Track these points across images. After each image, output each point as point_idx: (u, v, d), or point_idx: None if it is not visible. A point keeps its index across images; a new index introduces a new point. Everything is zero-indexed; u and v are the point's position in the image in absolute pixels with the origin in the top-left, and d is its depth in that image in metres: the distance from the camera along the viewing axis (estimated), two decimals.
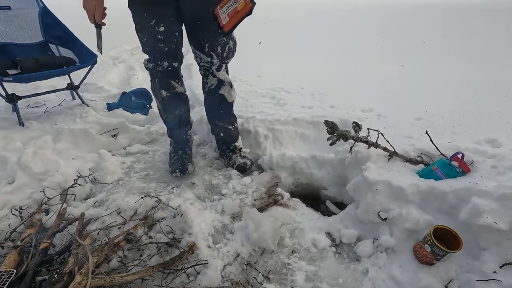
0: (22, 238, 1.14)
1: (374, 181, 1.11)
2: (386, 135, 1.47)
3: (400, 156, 1.22)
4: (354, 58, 3.38)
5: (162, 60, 1.39)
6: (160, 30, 1.30)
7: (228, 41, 1.41)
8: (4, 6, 1.99)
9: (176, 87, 1.50)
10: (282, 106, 2.11)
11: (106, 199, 1.45)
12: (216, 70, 1.51)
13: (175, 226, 1.24)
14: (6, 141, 1.72)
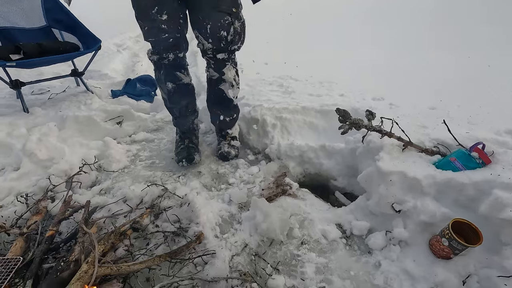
0: (28, 225, 1.12)
1: (388, 172, 1.07)
2: (401, 124, 1.43)
3: (415, 146, 1.17)
4: (363, 46, 3.28)
5: (167, 52, 1.33)
6: (163, 19, 1.22)
7: (233, 21, 1.28)
8: None
9: (182, 78, 1.44)
10: (290, 94, 2.05)
11: (111, 187, 1.43)
12: (220, 64, 1.41)
13: (182, 216, 1.22)
14: (11, 127, 1.70)
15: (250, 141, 1.81)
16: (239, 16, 1.31)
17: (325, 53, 3.04)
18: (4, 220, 1.23)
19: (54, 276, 0.89)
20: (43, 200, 1.28)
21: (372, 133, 1.25)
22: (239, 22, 1.31)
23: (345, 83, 2.17)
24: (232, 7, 1.27)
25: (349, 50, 3.02)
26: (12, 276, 0.92)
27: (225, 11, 1.25)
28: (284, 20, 4.76)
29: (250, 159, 1.70)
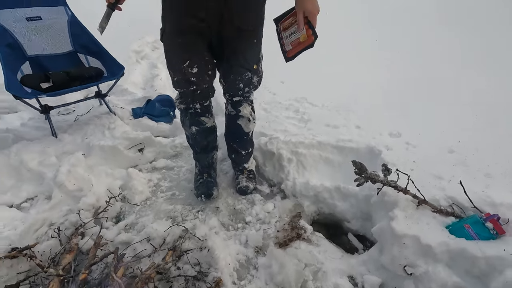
0: (63, 266, 1.23)
1: (402, 234, 1.10)
2: (416, 172, 1.45)
3: (430, 205, 1.19)
4: (383, 63, 3.22)
5: (194, 103, 1.40)
6: (193, 72, 1.29)
7: (252, 76, 1.39)
8: (35, 17, 2.02)
9: (206, 122, 1.52)
10: (306, 123, 2.07)
11: (136, 222, 1.52)
12: (236, 104, 1.51)
13: (202, 259, 1.30)
14: (42, 156, 1.81)
15: (266, 173, 1.87)
16: (258, 71, 1.41)
17: (343, 71, 3.01)
18: (40, 254, 1.34)
19: None
20: (75, 237, 1.39)
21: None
22: (257, 77, 1.43)
23: (362, 111, 2.17)
24: (254, 64, 1.35)
25: (367, 70, 2.98)
26: None
27: (247, 68, 1.33)
28: None
29: (265, 192, 1.76)
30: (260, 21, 1.31)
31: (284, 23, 1.21)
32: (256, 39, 1.32)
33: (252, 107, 1.59)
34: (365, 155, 1.71)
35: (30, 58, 2.03)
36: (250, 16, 1.25)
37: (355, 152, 1.75)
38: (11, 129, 2.07)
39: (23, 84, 1.87)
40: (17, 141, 1.97)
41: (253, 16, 1.27)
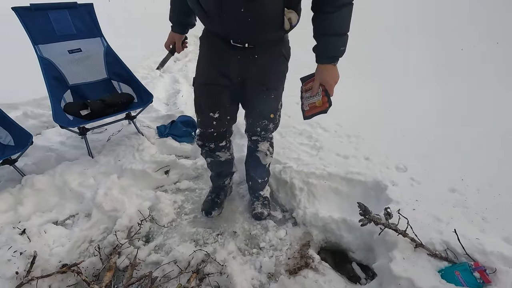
0: (105, 284, 1.45)
1: (398, 276, 1.25)
2: (417, 212, 1.58)
3: (426, 248, 1.33)
4: (401, 84, 3.30)
5: (209, 142, 1.60)
6: (214, 117, 1.47)
7: (268, 124, 1.56)
8: (76, 49, 2.26)
9: (221, 156, 1.70)
10: (318, 151, 2.22)
11: (163, 243, 1.73)
12: (255, 141, 1.69)
13: (221, 283, 1.49)
14: (82, 177, 2.05)
15: (280, 199, 2.04)
16: (275, 119, 1.57)
17: (356, 94, 3.12)
18: (84, 270, 1.57)
19: None
20: (113, 256, 1.61)
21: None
22: (273, 124, 1.59)
23: (372, 140, 2.29)
24: (271, 113, 1.51)
25: (378, 94, 3.07)
26: None
27: (263, 117, 1.52)
28: None
29: (278, 218, 1.93)
30: (281, 79, 1.45)
31: (307, 85, 1.35)
32: (274, 95, 1.46)
33: (270, 143, 1.75)
34: (371, 188, 1.86)
35: (71, 87, 2.27)
36: (271, 78, 1.39)
37: (362, 185, 1.89)
38: (53, 148, 2.33)
39: (66, 112, 2.11)
40: (59, 160, 2.23)
41: (274, 77, 1.40)
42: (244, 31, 1.19)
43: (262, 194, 1.93)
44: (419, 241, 1.34)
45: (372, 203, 1.78)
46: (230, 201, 2.02)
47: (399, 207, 1.59)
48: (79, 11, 2.22)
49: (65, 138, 2.52)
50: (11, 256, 1.51)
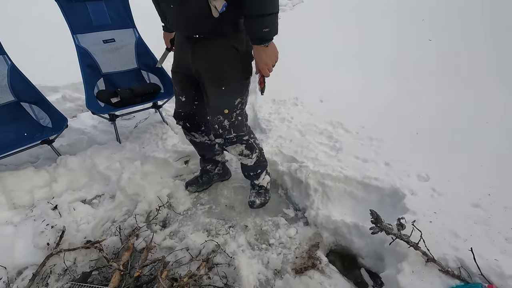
0: (123, 263, 1.57)
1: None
2: (433, 225, 1.52)
3: (438, 264, 1.29)
4: (435, 89, 3.12)
5: (179, 120, 1.74)
6: (182, 100, 1.63)
7: (223, 120, 1.54)
8: (110, 39, 2.38)
9: (197, 138, 1.80)
10: (337, 152, 2.18)
11: (178, 230, 1.82)
12: (222, 146, 1.70)
13: (229, 274, 1.55)
14: (109, 161, 2.20)
15: (293, 197, 2.05)
16: (231, 116, 1.53)
17: (384, 94, 3.00)
18: (105, 247, 1.70)
19: None
20: (132, 237, 1.73)
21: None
22: (229, 122, 1.55)
23: (395, 145, 2.21)
24: (225, 108, 1.50)
25: (410, 97, 2.92)
26: None
27: (218, 111, 1.52)
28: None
29: (290, 216, 1.95)
30: (232, 73, 1.41)
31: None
32: (226, 88, 1.43)
33: (246, 145, 1.69)
34: (388, 196, 1.81)
35: (104, 75, 2.41)
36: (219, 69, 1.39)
37: (379, 191, 1.84)
38: (86, 132, 2.51)
39: (98, 99, 2.25)
40: (90, 143, 2.40)
41: (222, 69, 1.39)
42: (180, 23, 1.30)
43: (256, 183, 1.94)
44: (431, 256, 1.30)
45: (387, 211, 1.73)
46: (244, 195, 2.06)
47: (415, 218, 1.54)
48: (115, 3, 2.33)
49: (97, 123, 2.70)
50: (44, 229, 1.68)
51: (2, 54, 2.06)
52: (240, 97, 1.51)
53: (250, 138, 1.72)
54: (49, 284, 1.52)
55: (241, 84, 1.48)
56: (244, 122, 1.64)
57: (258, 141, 1.82)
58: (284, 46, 3.99)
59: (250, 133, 1.74)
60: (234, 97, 1.50)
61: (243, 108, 1.59)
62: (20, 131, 2.15)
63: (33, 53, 3.89)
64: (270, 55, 1.28)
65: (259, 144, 1.83)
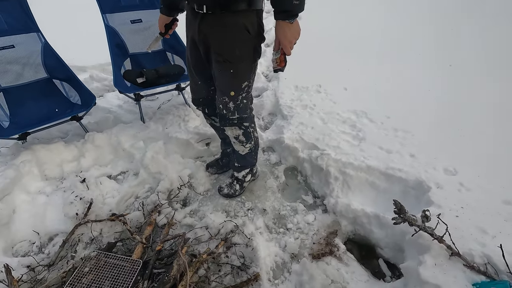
0: (145, 236, 1.63)
1: (426, 281, 1.20)
2: (460, 220, 1.47)
3: (463, 259, 1.25)
4: (467, 78, 2.94)
5: (198, 106, 1.77)
6: (198, 84, 1.62)
7: (229, 102, 1.52)
8: (137, 19, 2.40)
9: (216, 121, 1.79)
10: (360, 142, 2.13)
11: (198, 209, 1.87)
12: (223, 125, 1.67)
13: (246, 254, 1.58)
14: (134, 140, 2.26)
15: (313, 184, 2.03)
16: (236, 99, 1.51)
17: (413, 82, 2.87)
18: (129, 221, 1.78)
19: (161, 287, 1.35)
20: (154, 213, 1.79)
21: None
22: (234, 104, 1.53)
23: (422, 137, 2.12)
24: (231, 90, 1.48)
25: (441, 87, 2.78)
26: (137, 274, 1.42)
27: (224, 92, 1.51)
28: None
29: (309, 202, 1.94)
30: (241, 54, 1.36)
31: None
32: (234, 70, 1.40)
33: (243, 132, 1.68)
34: (412, 188, 1.75)
35: (131, 55, 2.45)
36: (228, 49, 1.34)
37: (403, 183, 1.79)
38: (112, 111, 2.59)
39: (124, 78, 2.30)
40: (116, 122, 2.48)
41: (231, 49, 1.34)
42: None
43: (235, 175, 1.92)
44: (456, 250, 1.26)
45: (411, 203, 1.69)
46: (263, 180, 2.07)
47: (440, 211, 1.49)
48: None
49: (122, 102, 2.77)
50: (73, 200, 1.77)
51: (37, 31, 2.14)
52: (247, 80, 1.49)
53: (250, 126, 1.70)
54: (77, 251, 1.62)
55: (249, 67, 1.45)
56: (248, 105, 1.61)
57: (257, 134, 1.81)
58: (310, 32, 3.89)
59: (252, 121, 1.71)
60: (242, 80, 1.47)
61: (249, 91, 1.56)
62: (52, 107, 2.24)
63: (63, 33, 4.00)
64: (294, 33, 1.23)
65: (258, 139, 1.82)
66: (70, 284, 1.35)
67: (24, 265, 1.51)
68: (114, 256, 1.49)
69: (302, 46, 2.29)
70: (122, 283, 1.36)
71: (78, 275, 1.39)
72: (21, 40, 2.12)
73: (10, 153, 2.13)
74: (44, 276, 1.49)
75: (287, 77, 3.13)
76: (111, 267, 1.44)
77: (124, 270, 1.42)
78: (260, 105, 2.85)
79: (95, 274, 1.40)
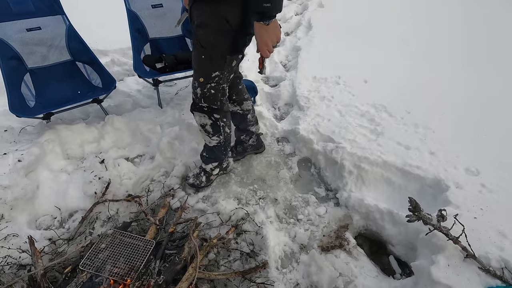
0: (159, 218, 1.68)
1: (437, 281, 1.18)
2: (478, 221, 1.42)
3: (479, 261, 1.21)
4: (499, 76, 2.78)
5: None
6: None
7: (197, 87, 1.52)
8: (158, 4, 2.41)
9: (229, 107, 1.75)
10: (377, 137, 2.08)
11: (210, 195, 1.90)
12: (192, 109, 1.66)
13: (256, 242, 1.60)
14: (151, 124, 2.31)
15: (326, 177, 2.02)
16: (203, 86, 1.51)
17: (440, 79, 2.75)
18: (144, 202, 1.84)
19: (172, 267, 1.40)
20: (168, 196, 1.84)
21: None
22: (201, 91, 1.52)
23: (443, 134, 2.04)
24: (200, 76, 1.48)
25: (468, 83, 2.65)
26: (150, 253, 1.47)
27: (195, 77, 1.51)
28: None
29: (321, 195, 1.93)
30: (216, 41, 1.34)
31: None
32: (205, 56, 1.40)
33: (212, 123, 1.67)
34: (430, 186, 1.71)
35: (150, 40, 2.47)
36: (202, 33, 1.33)
37: (420, 180, 1.74)
38: (131, 95, 2.64)
39: (144, 63, 2.33)
40: (135, 106, 2.53)
41: (206, 34, 1.33)
42: None
43: (203, 166, 1.92)
44: (471, 252, 1.22)
45: (427, 202, 1.64)
46: (276, 170, 2.07)
47: (457, 212, 1.44)
48: None
49: (141, 87, 2.82)
50: (92, 179, 1.84)
51: (62, 14, 2.19)
52: (219, 71, 1.46)
53: (222, 121, 1.68)
54: (95, 228, 1.69)
55: (223, 58, 1.42)
56: (218, 97, 1.57)
57: (229, 131, 1.78)
58: (334, 22, 3.80)
59: (226, 117, 1.70)
60: (213, 69, 1.45)
61: (221, 83, 1.52)
62: (75, 89, 2.32)
63: (86, 17, 4.08)
64: (271, 35, 1.20)
65: (229, 136, 1.80)
66: (87, 258, 1.42)
67: (46, 237, 1.60)
68: (129, 235, 1.55)
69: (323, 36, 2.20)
70: (135, 261, 1.42)
71: (95, 251, 1.45)
72: (47, 22, 2.18)
73: (35, 131, 2.23)
74: (64, 249, 1.57)
75: (306, 67, 3.08)
76: (126, 245, 1.50)
77: (138, 249, 1.48)
78: (277, 95, 2.83)
79: (110, 251, 1.47)
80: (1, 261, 1.44)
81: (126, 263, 1.41)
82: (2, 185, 1.68)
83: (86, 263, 1.38)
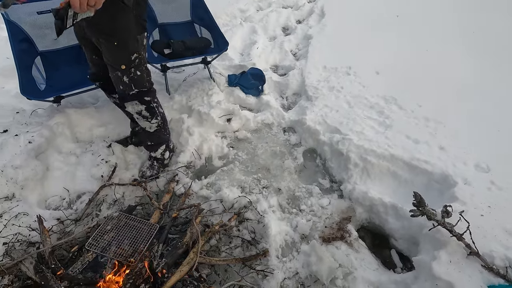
0: (163, 203, 1.71)
1: (438, 277, 1.17)
2: (485, 219, 1.39)
3: (482, 259, 1.19)
4: None
5: (94, 81, 1.86)
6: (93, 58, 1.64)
7: (122, 76, 1.50)
8: None
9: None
10: (386, 129, 2.03)
11: (214, 183, 1.91)
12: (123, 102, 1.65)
13: (257, 230, 1.61)
14: None
15: (331, 168, 2.00)
16: (129, 72, 1.50)
17: (454, 71, 2.65)
18: (149, 187, 1.86)
19: (174, 251, 1.43)
20: (172, 182, 1.86)
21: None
22: (128, 78, 1.51)
23: (455, 129, 1.98)
24: (121, 64, 1.46)
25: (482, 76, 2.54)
26: (153, 237, 1.51)
27: (115, 68, 1.48)
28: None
29: (325, 186, 1.92)
30: (118, 26, 1.36)
31: None
32: (117, 42, 1.40)
33: (147, 107, 1.69)
34: (437, 181, 1.67)
35: (159, 25, 2.46)
36: (104, 21, 1.31)
37: (427, 175, 1.71)
38: None
39: (152, 48, 2.32)
40: None
41: (108, 22, 1.33)
42: None
43: (153, 155, 1.91)
44: (475, 249, 1.20)
45: (433, 197, 1.61)
46: (281, 160, 2.06)
47: (464, 208, 1.41)
48: None
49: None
50: (100, 162, 1.88)
51: None
52: (136, 52, 1.48)
53: (153, 101, 1.70)
54: (101, 210, 1.73)
55: (134, 39, 1.44)
56: (145, 78, 1.59)
57: (162, 111, 1.81)
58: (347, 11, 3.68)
59: (154, 96, 1.71)
60: (129, 52, 1.46)
61: (142, 63, 1.54)
62: (84, 73, 2.28)
63: None
64: None
65: (164, 115, 1.81)
66: (93, 238, 1.46)
67: (55, 217, 1.65)
68: (134, 218, 1.58)
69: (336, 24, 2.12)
70: (139, 243, 1.45)
71: (101, 232, 1.49)
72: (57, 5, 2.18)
73: (45, 114, 2.27)
74: (71, 229, 1.62)
75: (316, 57, 3.01)
76: (130, 228, 1.53)
77: (142, 232, 1.51)
78: (285, 84, 2.79)
79: (116, 233, 1.50)
80: (12, 238, 1.50)
81: (130, 245, 1.44)
82: (14, 165, 1.73)
83: (92, 243, 1.42)
